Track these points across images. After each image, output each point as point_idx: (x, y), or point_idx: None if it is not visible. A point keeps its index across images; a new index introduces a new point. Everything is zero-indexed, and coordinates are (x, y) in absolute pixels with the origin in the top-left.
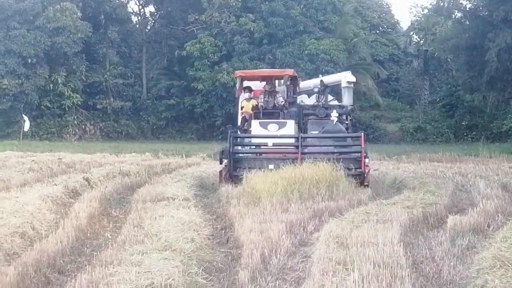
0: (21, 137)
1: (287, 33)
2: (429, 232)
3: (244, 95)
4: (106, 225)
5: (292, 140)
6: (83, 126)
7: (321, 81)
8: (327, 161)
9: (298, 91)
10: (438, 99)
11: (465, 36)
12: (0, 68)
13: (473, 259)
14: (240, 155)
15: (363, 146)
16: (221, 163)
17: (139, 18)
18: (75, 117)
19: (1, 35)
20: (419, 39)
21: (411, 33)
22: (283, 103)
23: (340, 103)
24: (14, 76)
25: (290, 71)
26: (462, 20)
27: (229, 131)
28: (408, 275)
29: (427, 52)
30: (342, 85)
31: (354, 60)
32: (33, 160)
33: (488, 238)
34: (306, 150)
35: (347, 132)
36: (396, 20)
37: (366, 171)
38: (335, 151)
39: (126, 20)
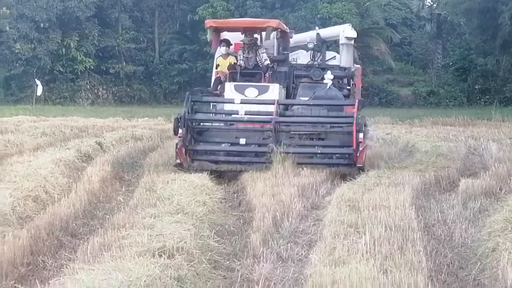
0: (33, 102)
1: None
2: (441, 195)
3: (221, 50)
4: (118, 189)
5: (269, 108)
6: (96, 91)
7: (317, 34)
8: (309, 137)
9: (290, 46)
10: (451, 63)
11: None
12: (12, 32)
13: (484, 222)
14: (201, 124)
15: (355, 116)
16: (176, 133)
17: None
18: (88, 81)
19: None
20: (432, 3)
21: None
22: (267, 61)
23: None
24: (27, 41)
25: (274, 22)
26: None
27: (188, 93)
28: (420, 238)
29: (440, 15)
30: (340, 41)
31: (367, 24)
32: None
33: (500, 201)
34: (282, 121)
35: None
36: None
37: (360, 148)
38: (321, 123)
39: None
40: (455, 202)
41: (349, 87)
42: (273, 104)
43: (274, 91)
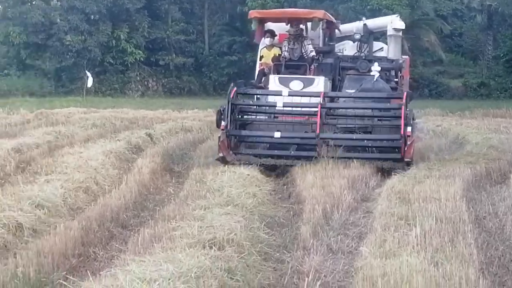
0: (84, 93)
1: None
2: (492, 188)
3: (265, 41)
4: (168, 181)
5: (313, 100)
6: (146, 82)
7: (364, 25)
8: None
9: (337, 37)
10: (501, 54)
11: None
12: (63, 24)
13: None
14: (245, 117)
15: (403, 110)
16: (218, 126)
17: None
18: (138, 73)
19: None
20: None
21: None
22: (312, 53)
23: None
24: (77, 33)
25: (320, 13)
26: None
27: (232, 84)
28: (471, 230)
29: (491, 6)
30: (388, 33)
31: (417, 15)
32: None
33: None
34: (328, 113)
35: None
36: None
37: (409, 142)
38: (368, 116)
39: None
40: (506, 194)
41: (396, 79)
42: (319, 96)
43: (320, 83)
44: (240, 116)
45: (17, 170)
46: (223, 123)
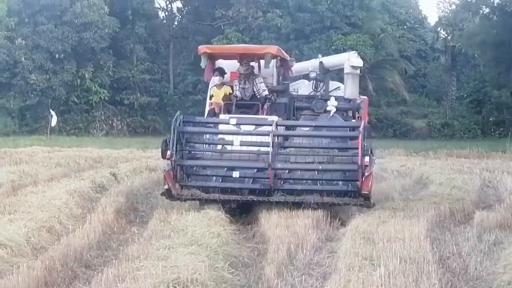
0: (48, 132)
1: (314, 29)
2: (456, 228)
3: (214, 80)
4: (132, 220)
5: (264, 138)
6: (110, 121)
7: (320, 63)
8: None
9: (291, 76)
10: (465, 95)
11: (493, 32)
12: (27, 63)
13: (500, 255)
14: (194, 148)
15: (360, 138)
16: (163, 157)
17: (166, 13)
18: (102, 112)
19: (29, 30)
20: (446, 35)
21: (439, 28)
22: (265, 92)
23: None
24: (42, 71)
25: (273, 49)
26: (490, 16)
27: (178, 113)
28: (435, 271)
29: (455, 47)
30: (345, 71)
31: (381, 55)
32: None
33: None
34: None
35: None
36: (423, 15)
37: (366, 174)
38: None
39: (153, 16)
40: (470, 234)
41: (354, 120)
42: (266, 134)
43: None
44: (187, 146)
45: None
46: (168, 152)
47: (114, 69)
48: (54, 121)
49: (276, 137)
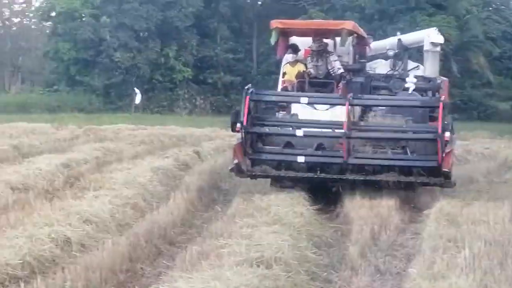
0: (132, 110)
1: (398, 9)
2: None
3: (287, 57)
4: (216, 198)
5: (335, 130)
6: (194, 100)
7: (399, 40)
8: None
9: (368, 54)
10: None
11: None
12: (112, 41)
13: None
14: (264, 123)
15: (441, 108)
16: (233, 130)
17: None
18: (186, 91)
19: (113, 8)
20: None
21: None
22: (340, 70)
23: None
24: (126, 50)
25: (349, 24)
26: None
27: (248, 86)
28: None
29: None
30: (425, 48)
31: (466, 37)
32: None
33: None
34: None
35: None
36: None
37: (447, 150)
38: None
39: None
40: None
41: None
42: (338, 125)
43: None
44: (258, 116)
45: (66, 185)
46: (238, 124)
47: (198, 48)
48: (138, 99)
49: (352, 108)
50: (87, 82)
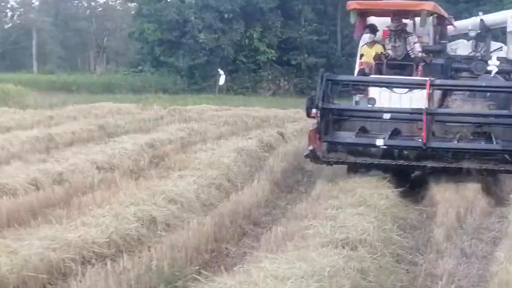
0: (216, 91)
1: None
2: None
3: (365, 38)
4: (300, 180)
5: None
6: (277, 82)
7: (481, 20)
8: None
9: (451, 34)
10: None
11: None
12: (197, 22)
13: None
14: (341, 108)
15: None
16: (308, 115)
17: None
18: (270, 72)
19: None
20: None
21: None
22: (420, 52)
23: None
24: (211, 31)
25: (429, 5)
26: None
27: (322, 70)
28: None
29: None
30: (508, 29)
31: None
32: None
33: None
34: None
35: None
36: None
37: None
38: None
39: None
40: None
41: None
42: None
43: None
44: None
45: (151, 165)
46: (313, 110)
47: (282, 30)
48: (222, 80)
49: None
50: (172, 63)
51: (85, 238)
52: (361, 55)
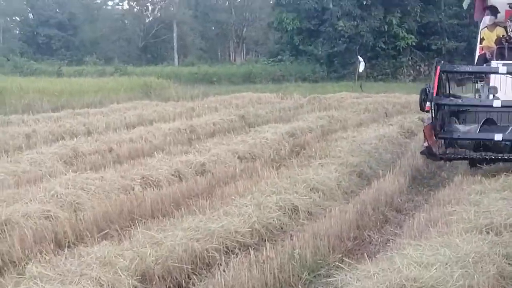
0: (356, 78)
1: None
2: None
3: (485, 20)
4: (442, 165)
5: None
6: (418, 67)
7: None
8: None
9: None
10: None
11: None
12: (335, 10)
13: None
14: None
15: None
16: (422, 109)
17: None
18: (410, 58)
19: None
20: None
21: None
22: None
23: None
24: (350, 18)
25: None
26: None
27: (436, 59)
28: None
29: None
30: None
31: None
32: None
33: None
34: None
35: None
36: None
37: None
38: None
39: None
40: None
41: None
42: None
43: None
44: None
45: (292, 154)
46: (428, 104)
47: (422, 14)
48: (361, 67)
49: None
50: (311, 52)
51: (228, 228)
52: (482, 39)
